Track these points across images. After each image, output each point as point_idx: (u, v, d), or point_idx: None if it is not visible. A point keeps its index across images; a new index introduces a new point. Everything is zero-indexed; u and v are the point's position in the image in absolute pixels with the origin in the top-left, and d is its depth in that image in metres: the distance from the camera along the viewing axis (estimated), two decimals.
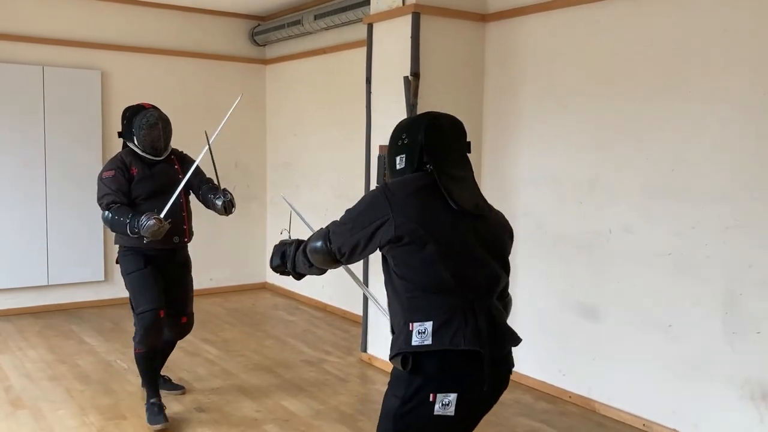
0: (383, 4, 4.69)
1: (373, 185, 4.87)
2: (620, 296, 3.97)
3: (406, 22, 4.48)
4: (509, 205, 4.64)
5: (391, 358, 2.05)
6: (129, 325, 5.23)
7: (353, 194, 6.01)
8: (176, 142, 4.08)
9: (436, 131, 2.14)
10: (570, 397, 4.27)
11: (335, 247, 2.13)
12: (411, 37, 4.44)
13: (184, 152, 4.16)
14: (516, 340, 2.10)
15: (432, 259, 1.99)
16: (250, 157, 7.48)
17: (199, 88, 7.06)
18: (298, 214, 2.86)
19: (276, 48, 7.33)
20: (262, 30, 7.14)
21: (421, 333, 1.96)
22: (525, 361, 4.55)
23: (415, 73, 4.44)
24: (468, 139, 2.21)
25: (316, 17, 6.19)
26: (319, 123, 6.67)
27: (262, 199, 7.59)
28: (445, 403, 1.94)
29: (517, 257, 4.59)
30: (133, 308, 3.86)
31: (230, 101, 4.23)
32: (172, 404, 4.11)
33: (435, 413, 1.94)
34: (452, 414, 1.95)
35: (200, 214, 4.13)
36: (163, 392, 4.08)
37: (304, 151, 6.94)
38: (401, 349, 1.98)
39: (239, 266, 7.47)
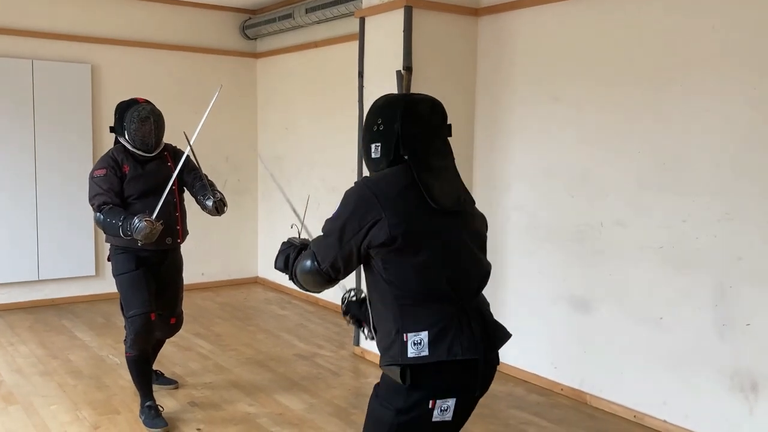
0: None
1: None
2: (612, 289, 4.00)
3: (398, 15, 4.47)
4: (501, 199, 4.67)
5: (383, 366, 1.98)
6: (120, 320, 5.18)
7: (345, 188, 5.98)
8: (167, 137, 4.00)
9: (414, 120, 2.00)
10: (562, 389, 4.30)
11: (326, 266, 1.98)
12: (403, 31, 4.43)
13: (178, 147, 4.06)
14: (506, 336, 2.07)
15: (426, 264, 1.91)
16: (242, 150, 7.46)
17: (190, 81, 7.02)
18: (278, 184, 2.77)
19: (267, 42, 7.31)
20: (253, 23, 7.12)
21: (417, 344, 1.89)
22: (517, 354, 4.57)
23: (408, 67, 4.44)
24: (449, 122, 2.09)
25: (307, 11, 6.17)
26: (310, 117, 6.66)
27: (253, 192, 7.58)
28: (444, 409, 1.92)
29: (508, 250, 4.60)
30: (123, 310, 3.80)
31: (221, 96, 4.19)
32: (166, 399, 4.11)
33: (434, 420, 1.92)
34: (450, 419, 1.94)
35: (192, 209, 4.12)
36: (156, 387, 4.07)
37: (295, 145, 6.93)
38: (397, 361, 1.91)
39: (231, 260, 7.46)
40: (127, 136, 3.75)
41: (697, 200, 3.57)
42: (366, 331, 2.18)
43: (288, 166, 7.04)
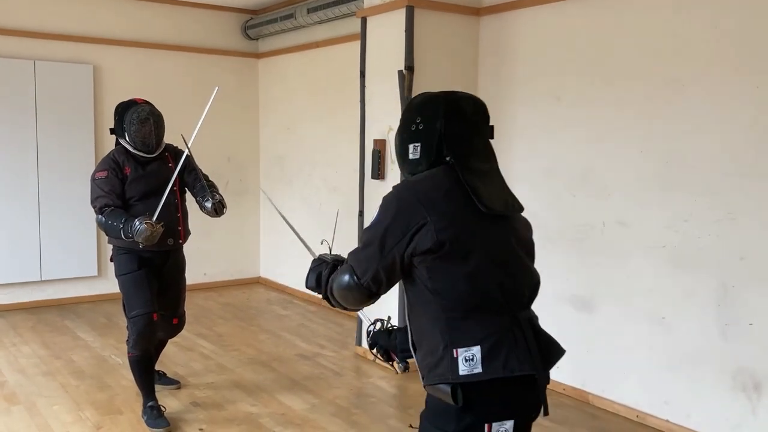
0: None
1: (368, 179, 4.87)
2: (614, 289, 4.00)
3: (399, 15, 4.48)
4: None
5: (428, 386, 1.80)
6: (123, 321, 5.17)
7: (347, 189, 6.01)
8: (169, 138, 3.99)
9: (458, 119, 1.87)
10: (564, 389, 4.29)
11: (367, 279, 1.81)
12: (405, 31, 4.44)
13: (179, 148, 4.02)
14: (561, 352, 1.89)
15: (476, 271, 1.75)
16: (243, 151, 7.46)
17: (191, 82, 7.02)
18: (277, 209, 2.66)
19: (269, 42, 7.31)
20: (255, 24, 7.12)
21: (469, 360, 1.72)
22: None
23: (409, 67, 4.44)
24: (491, 123, 1.97)
25: (309, 11, 6.17)
26: (312, 117, 6.66)
27: (255, 193, 7.58)
28: None
29: None
30: (125, 310, 3.81)
31: (223, 96, 4.19)
32: (168, 399, 4.12)
33: None
34: None
35: (194, 209, 4.13)
36: (158, 387, 4.08)
37: (297, 145, 6.93)
38: (447, 380, 1.73)
39: (233, 261, 7.46)
40: (127, 138, 3.75)
41: (699, 200, 3.56)
42: (397, 364, 2.04)
43: (289, 166, 7.04)
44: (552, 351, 1.86)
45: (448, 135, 1.85)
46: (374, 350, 2.10)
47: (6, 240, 6.12)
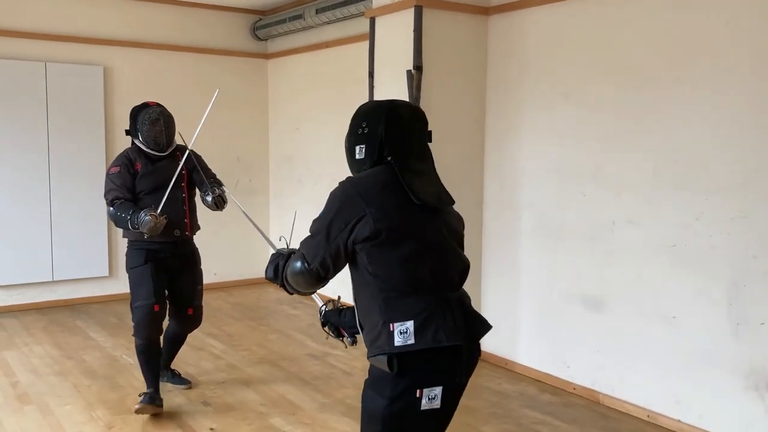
0: None
1: None
2: (624, 288, 3.98)
3: (408, 15, 4.47)
4: (513, 198, 4.66)
5: (370, 357, 2.04)
6: None
7: None
8: (179, 138, 4.13)
9: (397, 123, 2.10)
10: (574, 388, 4.28)
11: (316, 264, 2.06)
12: (413, 31, 4.44)
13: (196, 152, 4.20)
14: (487, 327, 2.14)
15: (409, 256, 2.00)
16: (253, 151, 7.48)
17: (201, 83, 7.04)
18: (239, 206, 2.76)
19: (278, 42, 7.33)
20: (264, 24, 7.14)
21: (403, 333, 1.97)
22: (529, 353, 4.57)
23: (418, 67, 4.44)
24: (429, 129, 2.18)
25: (317, 11, 6.19)
26: (321, 117, 6.67)
27: (264, 193, 7.60)
28: (432, 397, 1.98)
29: (520, 250, 4.60)
30: (131, 301, 4.00)
31: (233, 96, 4.27)
32: (178, 398, 4.14)
33: (422, 408, 1.98)
34: (438, 406, 2.00)
35: (203, 208, 4.17)
36: (170, 386, 4.15)
37: (306, 145, 6.94)
38: (384, 350, 1.98)
39: (243, 260, 7.48)
40: (140, 137, 3.98)
41: (710, 198, 3.54)
42: (346, 339, 2.25)
43: (299, 165, 7.06)
44: (478, 326, 2.11)
45: (389, 138, 2.08)
46: (326, 327, 2.30)
47: (18, 241, 6.17)
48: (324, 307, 2.32)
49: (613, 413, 3.99)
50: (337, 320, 2.26)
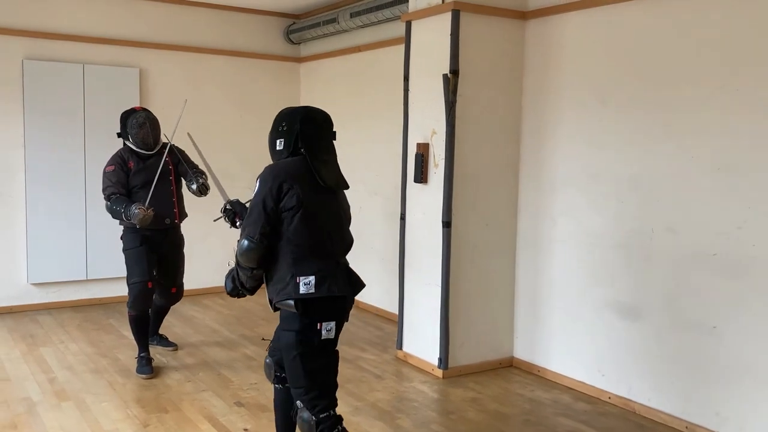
0: (422, 1, 4.69)
1: (410, 182, 4.88)
2: (662, 297, 3.92)
3: (445, 19, 4.47)
4: (548, 204, 4.62)
5: (278, 302, 2.69)
6: (166, 321, 5.32)
7: (387, 192, 6.02)
8: (213, 137, 4.24)
9: (310, 123, 2.76)
10: (610, 397, 4.23)
11: (258, 236, 2.63)
12: (450, 35, 4.43)
13: (177, 147, 4.83)
14: (362, 285, 2.87)
15: (317, 226, 2.68)
16: None
17: (234, 85, 7.12)
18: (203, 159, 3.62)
19: (311, 46, 7.36)
20: (297, 28, 7.18)
21: (307, 284, 2.65)
22: (563, 361, 4.52)
23: (454, 71, 4.43)
24: (334, 130, 2.85)
25: (352, 15, 6.20)
26: (353, 121, 6.67)
27: None
28: (329, 329, 2.71)
29: (555, 256, 4.56)
30: (127, 278, 4.61)
31: (265, 99, 4.40)
32: (213, 399, 4.17)
33: (323, 337, 2.70)
34: (333, 336, 2.73)
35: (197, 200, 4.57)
36: (159, 348, 5.07)
37: (337, 149, 6.91)
38: (291, 296, 2.64)
39: None
40: (130, 139, 4.61)
41: (753, 206, 3.48)
42: (238, 222, 2.96)
43: None
44: (357, 284, 2.88)
45: (303, 134, 2.74)
46: (224, 217, 3.10)
47: (55, 239, 6.27)
48: (223, 206, 3.07)
49: (648, 423, 3.94)
50: (240, 209, 3.00)
